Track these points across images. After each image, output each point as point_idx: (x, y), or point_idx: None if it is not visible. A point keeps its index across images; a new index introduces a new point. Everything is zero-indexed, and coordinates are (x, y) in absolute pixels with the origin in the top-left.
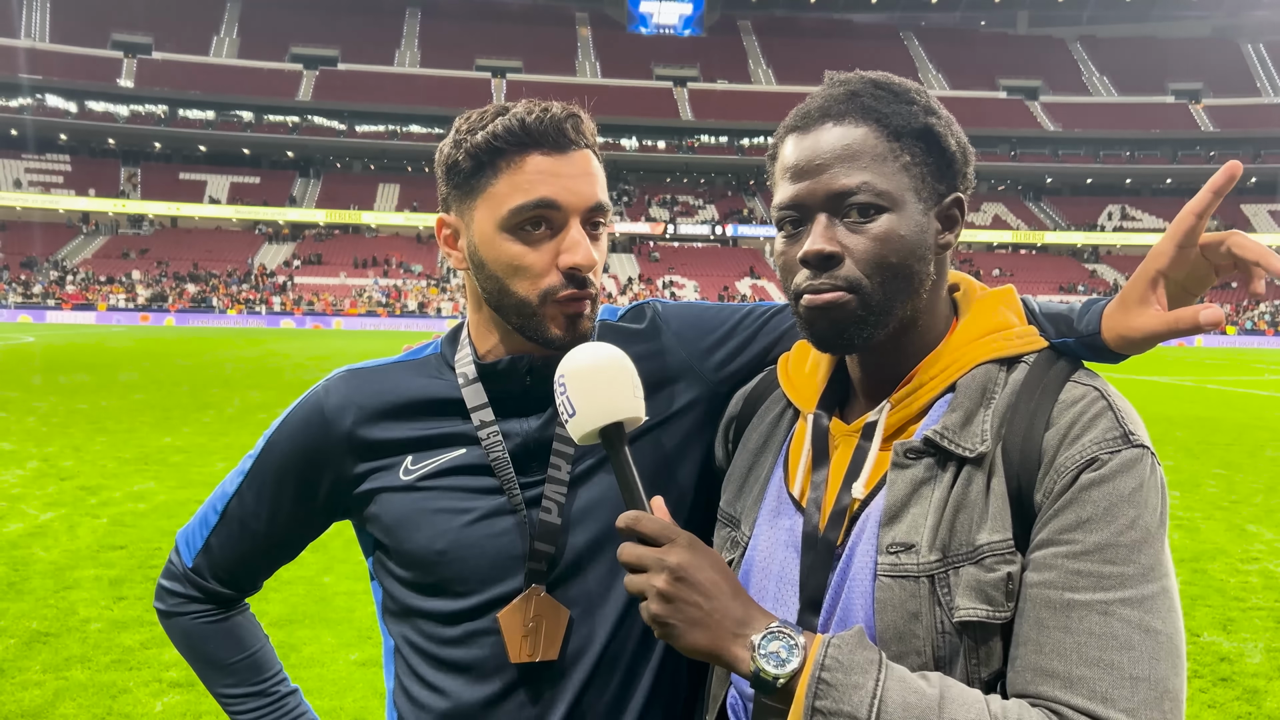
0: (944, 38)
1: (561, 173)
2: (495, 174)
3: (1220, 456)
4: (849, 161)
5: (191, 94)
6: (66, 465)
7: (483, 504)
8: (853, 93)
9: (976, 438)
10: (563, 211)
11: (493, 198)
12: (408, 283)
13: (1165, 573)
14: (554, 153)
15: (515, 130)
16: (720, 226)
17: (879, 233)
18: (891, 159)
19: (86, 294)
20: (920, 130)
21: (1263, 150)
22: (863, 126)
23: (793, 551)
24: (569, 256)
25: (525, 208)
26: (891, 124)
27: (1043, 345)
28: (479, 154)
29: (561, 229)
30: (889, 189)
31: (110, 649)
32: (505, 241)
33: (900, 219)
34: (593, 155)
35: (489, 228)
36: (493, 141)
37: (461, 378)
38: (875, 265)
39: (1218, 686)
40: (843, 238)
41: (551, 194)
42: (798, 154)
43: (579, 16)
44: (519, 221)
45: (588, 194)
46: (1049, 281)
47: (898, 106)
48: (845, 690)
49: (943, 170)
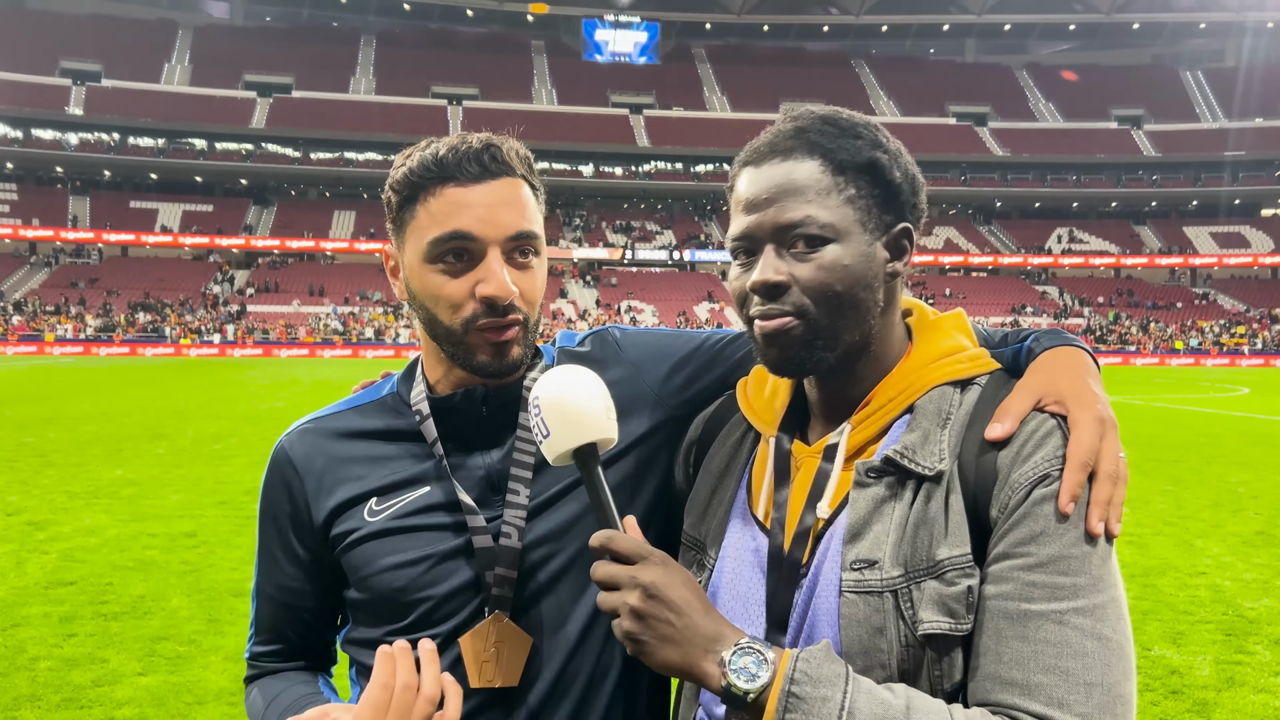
0: (894, 65)
1: (475, 203)
2: (415, 207)
3: (1168, 473)
4: (795, 195)
5: (142, 121)
6: (12, 500)
7: (446, 540)
8: (800, 129)
9: (935, 456)
10: (479, 241)
11: (415, 231)
12: (364, 310)
13: (1114, 582)
14: (469, 183)
15: (429, 164)
16: (678, 252)
17: (824, 262)
18: (836, 192)
19: (33, 324)
20: (865, 164)
21: (1203, 174)
22: (809, 161)
23: (758, 572)
24: (484, 287)
25: (440, 240)
26: (836, 158)
27: (995, 367)
28: (402, 189)
29: (480, 259)
30: (832, 221)
31: (60, 688)
32: (429, 273)
33: (845, 249)
34: (522, 183)
35: (415, 260)
36: (409, 176)
37: (417, 414)
38: (820, 293)
39: (1169, 699)
40: (790, 267)
41: (465, 225)
42: (749, 188)
43: (534, 44)
44: (438, 253)
45: (507, 223)
46: (1000, 303)
47: (843, 141)
48: (814, 703)
49: (889, 201)
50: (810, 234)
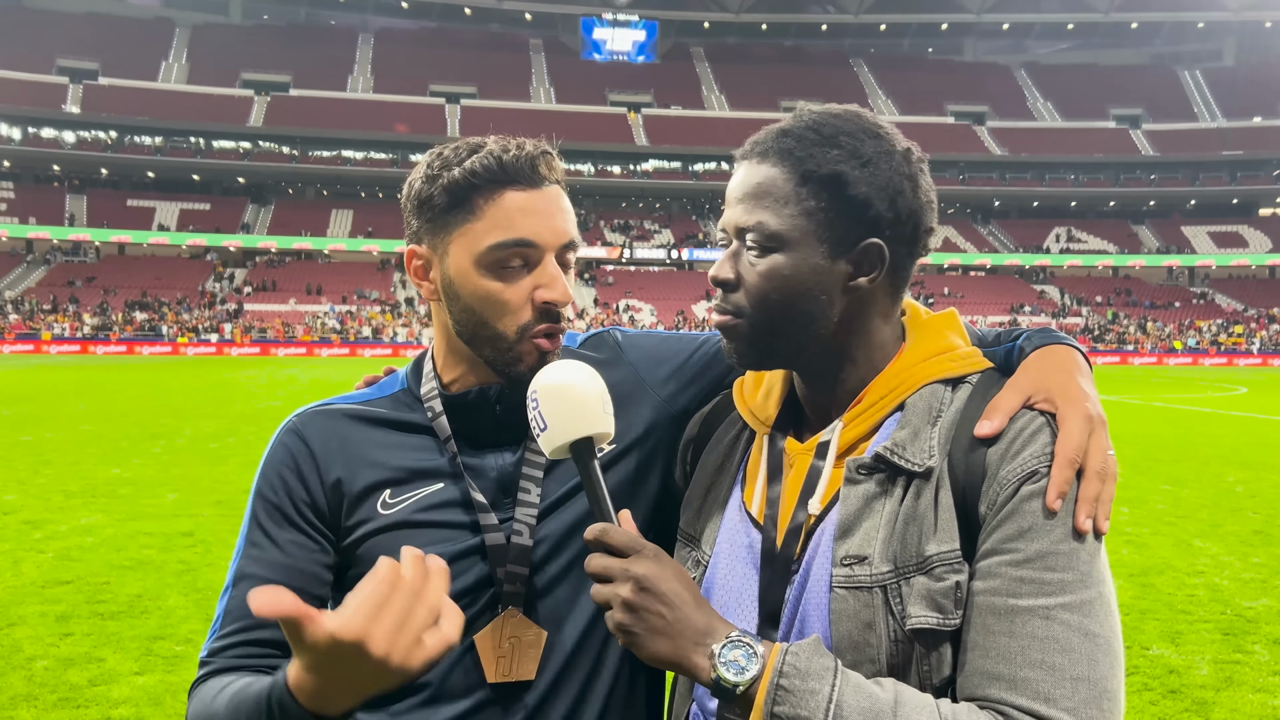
0: (893, 65)
1: (538, 210)
2: (472, 210)
3: (1166, 473)
4: (754, 200)
5: (140, 120)
6: (10, 499)
7: (460, 538)
8: (784, 131)
9: (925, 453)
10: (538, 249)
11: (469, 234)
12: (362, 309)
13: (1102, 578)
14: (529, 189)
15: (492, 167)
16: (676, 250)
17: (765, 270)
18: (794, 202)
19: (30, 323)
20: (827, 176)
21: (1201, 174)
22: (776, 168)
23: (752, 567)
24: (546, 292)
25: (504, 245)
26: (802, 168)
27: (986, 366)
28: (455, 190)
29: (537, 264)
30: (780, 230)
31: (57, 687)
32: (482, 277)
33: (788, 260)
34: (563, 191)
35: (465, 263)
36: (471, 179)
37: (429, 411)
38: (759, 298)
39: (1167, 699)
40: (742, 268)
41: (530, 232)
42: (732, 181)
43: (533, 43)
44: (499, 258)
45: (562, 230)
46: (999, 302)
47: (815, 150)
48: (802, 695)
49: (854, 216)
50: (757, 241)
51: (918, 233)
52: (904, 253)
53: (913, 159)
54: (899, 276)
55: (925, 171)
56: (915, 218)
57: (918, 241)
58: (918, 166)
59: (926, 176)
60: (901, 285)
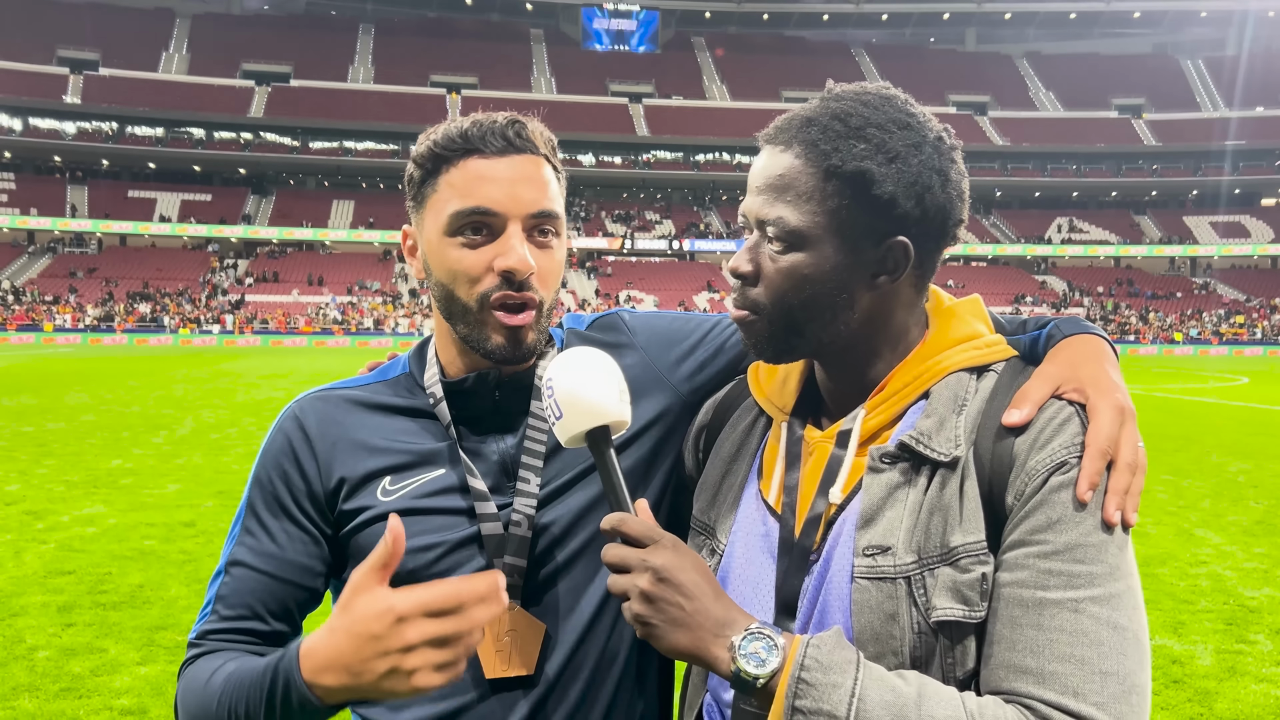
0: (894, 55)
1: (499, 176)
2: (436, 180)
3: (1168, 463)
4: (776, 193)
5: (140, 110)
6: (12, 490)
7: (459, 526)
8: (809, 119)
9: (950, 442)
10: (500, 216)
11: (436, 204)
12: (364, 300)
13: (1130, 571)
14: (492, 156)
15: (454, 137)
16: (677, 241)
17: (784, 267)
18: (818, 199)
19: (32, 314)
20: (854, 173)
21: (1203, 164)
22: (800, 159)
23: (768, 557)
24: (502, 260)
25: (463, 213)
26: (827, 162)
27: (1011, 354)
28: (424, 162)
29: (500, 233)
30: (801, 227)
31: (59, 677)
32: (447, 246)
33: (809, 258)
34: (544, 162)
35: (435, 234)
36: (434, 149)
37: (431, 397)
38: (776, 295)
39: (1170, 689)
40: (762, 261)
41: (487, 199)
42: (754, 168)
43: (533, 33)
44: (459, 226)
45: (529, 199)
46: (1001, 293)
47: (842, 143)
48: (824, 689)
49: (881, 213)
50: (776, 236)
51: (946, 227)
52: (930, 248)
53: (944, 148)
54: (924, 270)
55: (958, 160)
56: (943, 213)
57: (946, 235)
58: (949, 157)
59: (959, 165)
60: (927, 278)
